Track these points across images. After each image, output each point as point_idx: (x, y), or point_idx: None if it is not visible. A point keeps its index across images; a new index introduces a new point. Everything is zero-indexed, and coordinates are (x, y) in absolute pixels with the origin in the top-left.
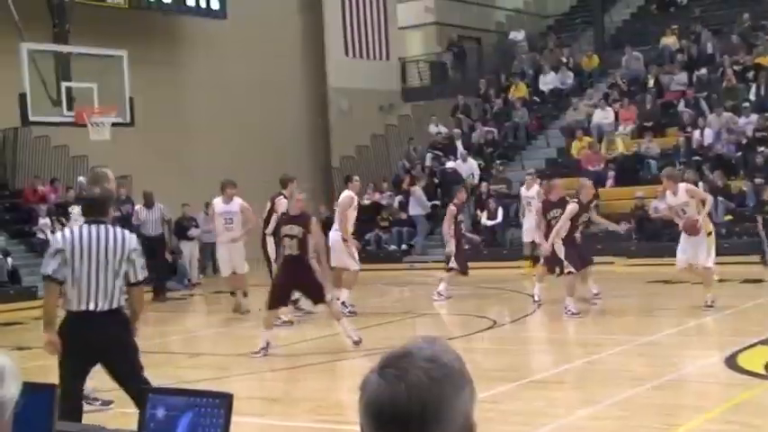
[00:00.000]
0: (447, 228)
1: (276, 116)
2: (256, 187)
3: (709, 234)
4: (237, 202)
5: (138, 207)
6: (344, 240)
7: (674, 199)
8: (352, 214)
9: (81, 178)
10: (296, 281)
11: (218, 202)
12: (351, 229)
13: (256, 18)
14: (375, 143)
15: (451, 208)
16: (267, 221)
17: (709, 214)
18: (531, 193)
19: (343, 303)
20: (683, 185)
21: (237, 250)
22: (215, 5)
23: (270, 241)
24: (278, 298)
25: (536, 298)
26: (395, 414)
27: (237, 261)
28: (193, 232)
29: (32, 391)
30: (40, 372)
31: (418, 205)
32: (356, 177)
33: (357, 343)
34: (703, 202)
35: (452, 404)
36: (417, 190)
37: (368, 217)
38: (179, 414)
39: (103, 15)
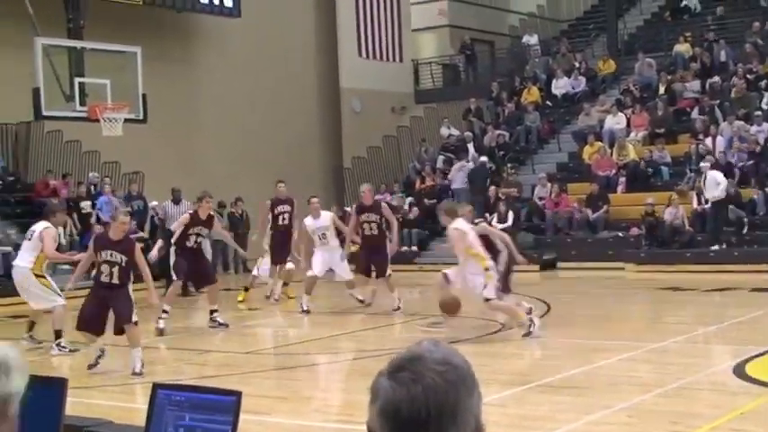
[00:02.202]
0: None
1: (288, 115)
2: (267, 186)
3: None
4: (327, 215)
5: (165, 203)
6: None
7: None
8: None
9: (93, 174)
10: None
11: (308, 220)
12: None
13: (270, 17)
14: (387, 144)
15: None
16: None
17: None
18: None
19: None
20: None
21: (337, 255)
22: (228, 3)
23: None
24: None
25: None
26: (412, 417)
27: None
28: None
29: (41, 385)
30: (49, 365)
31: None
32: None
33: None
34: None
35: (467, 406)
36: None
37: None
38: (188, 411)
39: (118, 12)
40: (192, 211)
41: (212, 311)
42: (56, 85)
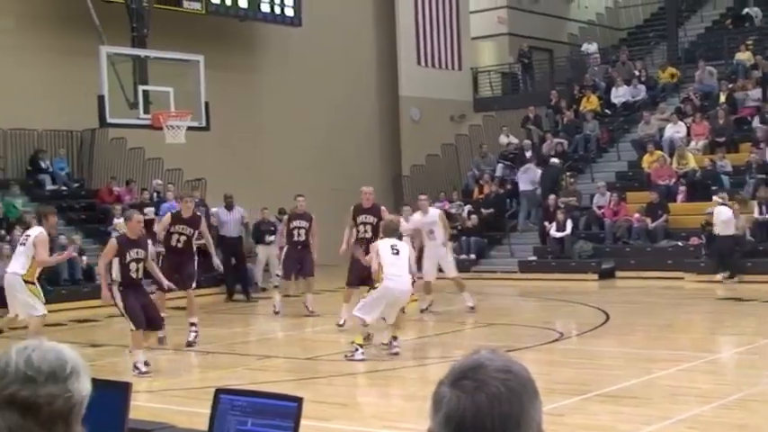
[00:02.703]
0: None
1: (348, 124)
2: (326, 194)
3: None
4: (435, 212)
5: (218, 209)
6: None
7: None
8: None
9: (156, 181)
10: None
11: (416, 216)
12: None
13: (330, 26)
14: (445, 153)
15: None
16: None
17: None
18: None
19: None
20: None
21: (444, 254)
22: (290, 13)
23: None
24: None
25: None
26: (477, 426)
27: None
28: (269, 237)
29: (105, 388)
30: (113, 369)
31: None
32: (422, 196)
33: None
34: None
35: (530, 414)
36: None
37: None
38: (249, 416)
39: (181, 21)
40: (173, 211)
41: (191, 323)
42: (120, 92)
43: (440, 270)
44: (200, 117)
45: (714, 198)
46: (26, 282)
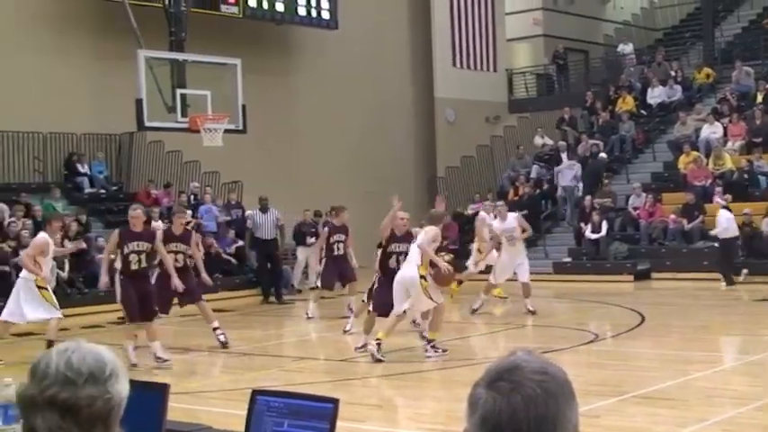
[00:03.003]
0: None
1: (383, 125)
2: (361, 196)
3: None
4: (513, 217)
5: (253, 211)
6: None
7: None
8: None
9: (194, 183)
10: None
11: (496, 223)
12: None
13: (366, 29)
14: (480, 154)
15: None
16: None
17: None
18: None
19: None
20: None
21: (522, 259)
22: (326, 16)
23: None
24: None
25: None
26: (513, 428)
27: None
28: (310, 239)
29: (143, 390)
30: (150, 370)
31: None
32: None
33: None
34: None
35: (567, 416)
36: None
37: (471, 227)
38: (286, 417)
39: (218, 24)
40: (165, 227)
41: (214, 329)
42: (158, 96)
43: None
44: (237, 120)
45: (716, 200)
46: (39, 287)
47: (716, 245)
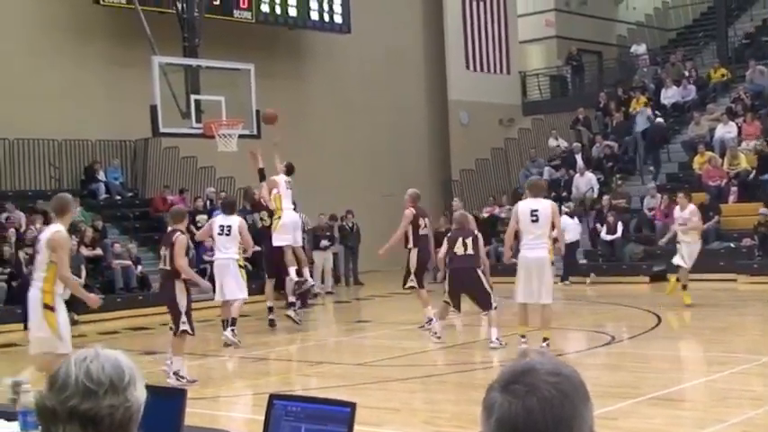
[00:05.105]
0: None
1: (397, 129)
2: (376, 199)
3: None
4: (692, 207)
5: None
6: None
7: None
8: None
9: (209, 189)
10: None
11: (676, 212)
12: None
13: (378, 32)
14: (495, 156)
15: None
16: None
17: None
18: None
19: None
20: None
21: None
22: (338, 20)
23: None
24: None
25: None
26: (529, 430)
27: None
28: (324, 242)
29: (161, 395)
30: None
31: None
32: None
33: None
34: None
35: (583, 417)
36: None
37: (486, 230)
38: (303, 421)
39: (231, 30)
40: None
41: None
42: (172, 102)
43: None
44: (251, 125)
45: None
46: (46, 306)
47: (732, 245)
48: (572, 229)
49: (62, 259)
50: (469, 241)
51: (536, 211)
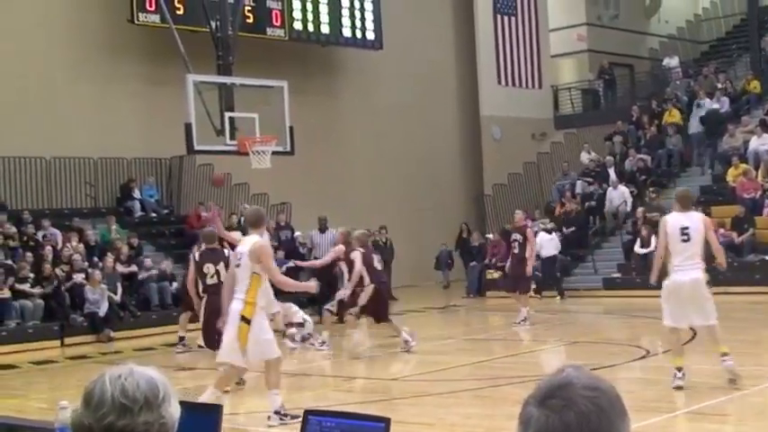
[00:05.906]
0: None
1: (430, 144)
2: (410, 214)
3: None
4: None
5: (312, 232)
6: None
7: None
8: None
9: (244, 205)
10: None
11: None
12: None
13: (410, 48)
14: (527, 171)
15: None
16: None
17: None
18: None
19: None
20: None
21: None
22: (371, 36)
23: None
24: None
25: None
26: None
27: None
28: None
29: (197, 411)
30: (200, 393)
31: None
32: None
33: None
34: None
35: (620, 431)
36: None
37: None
38: None
39: (264, 47)
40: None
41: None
42: (207, 120)
43: None
44: (284, 142)
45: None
46: (242, 318)
47: (767, 258)
48: (549, 245)
49: (269, 266)
50: None
51: (686, 228)
